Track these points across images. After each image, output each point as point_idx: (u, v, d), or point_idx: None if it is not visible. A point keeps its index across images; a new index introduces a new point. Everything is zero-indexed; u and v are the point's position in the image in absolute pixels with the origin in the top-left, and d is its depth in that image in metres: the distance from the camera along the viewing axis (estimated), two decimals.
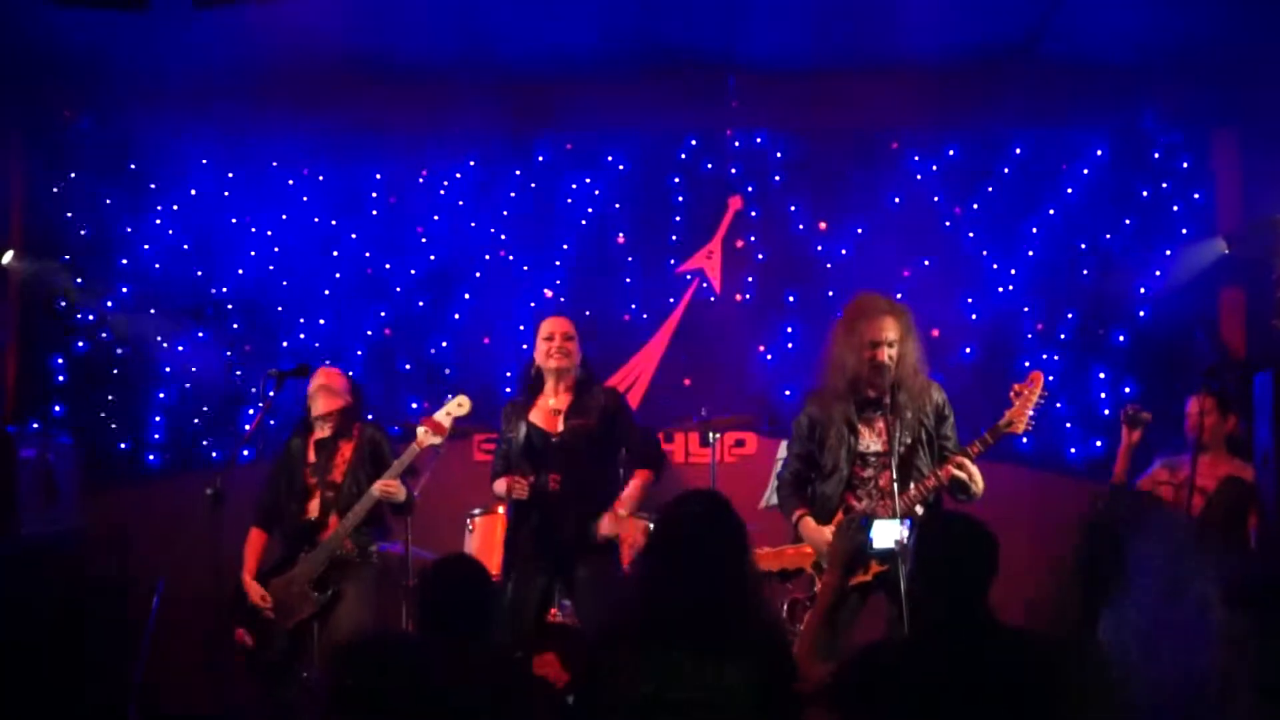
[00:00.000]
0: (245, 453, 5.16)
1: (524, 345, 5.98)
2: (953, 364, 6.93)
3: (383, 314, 7.33)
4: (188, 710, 6.09)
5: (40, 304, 7.34)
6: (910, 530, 4.25)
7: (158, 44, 6.40)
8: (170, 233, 7.33)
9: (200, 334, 7.31)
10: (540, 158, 7.32)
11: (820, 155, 7.26)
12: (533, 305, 7.14)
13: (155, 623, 6.17)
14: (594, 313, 6.96)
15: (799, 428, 4.98)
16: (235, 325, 7.34)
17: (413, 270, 7.32)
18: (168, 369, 7.30)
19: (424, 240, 7.34)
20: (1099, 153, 7.11)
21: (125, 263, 7.34)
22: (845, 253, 7.19)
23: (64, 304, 7.29)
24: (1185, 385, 6.08)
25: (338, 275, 7.33)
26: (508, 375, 6.88)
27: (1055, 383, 6.62)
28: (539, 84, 7.12)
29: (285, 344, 7.21)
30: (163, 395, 7.30)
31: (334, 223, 7.34)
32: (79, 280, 7.27)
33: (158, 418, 7.30)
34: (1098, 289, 7.09)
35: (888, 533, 4.34)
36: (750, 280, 7.28)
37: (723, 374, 7.20)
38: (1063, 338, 7.07)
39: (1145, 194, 7.08)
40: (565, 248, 7.29)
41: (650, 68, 7.02)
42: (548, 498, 5.19)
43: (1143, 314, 7.05)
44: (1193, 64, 6.76)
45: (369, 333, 7.31)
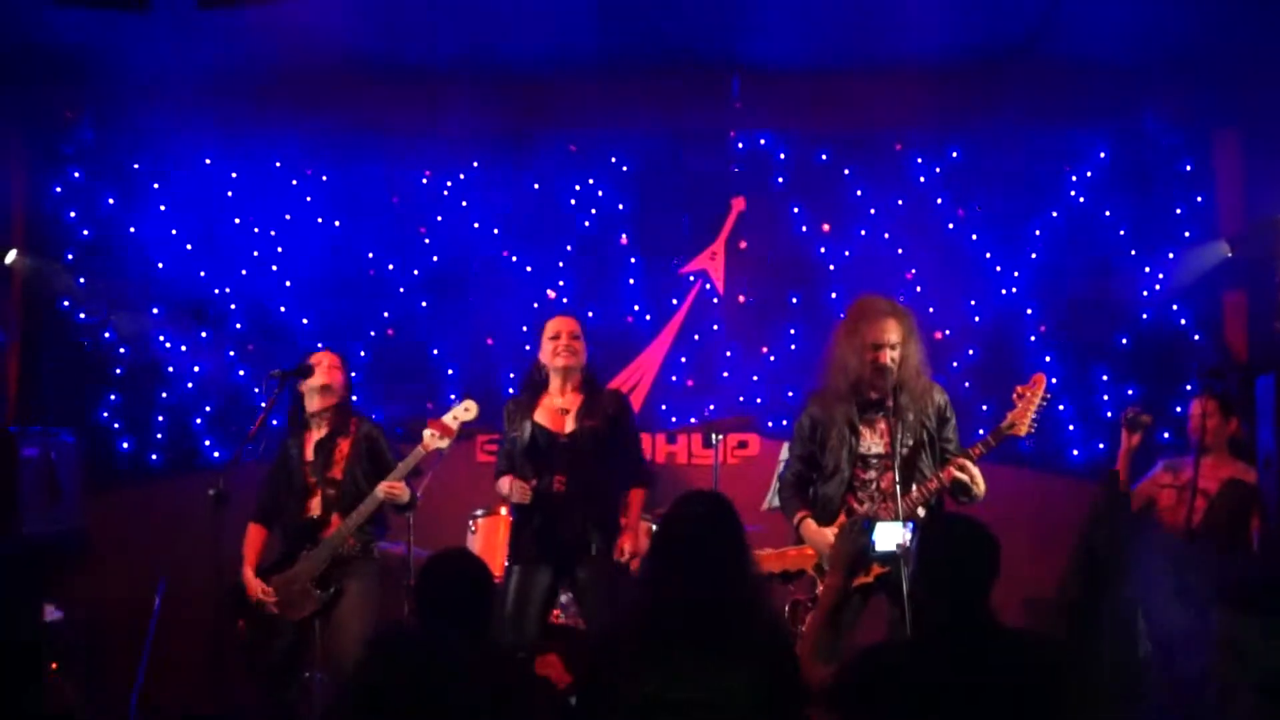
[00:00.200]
0: (248, 452, 5.16)
1: (526, 346, 5.96)
2: (955, 366, 6.94)
3: (385, 314, 7.32)
4: (188, 710, 6.07)
5: (43, 304, 7.34)
6: (913, 533, 4.25)
7: (159, 44, 6.39)
8: (173, 232, 7.32)
9: (203, 334, 7.30)
10: (543, 159, 7.30)
11: (823, 157, 7.26)
12: (535, 306, 7.12)
13: (156, 623, 6.16)
14: (597, 314, 6.98)
15: (800, 429, 4.98)
16: (238, 325, 7.33)
17: (415, 271, 7.31)
18: (170, 369, 7.29)
19: (426, 241, 7.33)
20: (1101, 154, 7.10)
21: (127, 263, 7.33)
22: (848, 254, 7.19)
23: (66, 304, 7.30)
24: (1184, 388, 6.10)
25: (340, 276, 7.32)
26: (510, 376, 6.86)
27: (1057, 385, 6.61)
28: (542, 85, 7.12)
29: (287, 344, 7.20)
30: (165, 395, 7.30)
31: (337, 223, 7.33)
32: (81, 280, 7.27)
33: (160, 417, 7.29)
34: (1100, 291, 7.08)
35: (890, 535, 4.33)
36: (753, 281, 7.28)
37: (726, 375, 7.20)
38: (1065, 340, 7.06)
39: (1148, 196, 7.07)
40: (568, 249, 7.28)
41: (653, 68, 7.02)
42: (552, 499, 5.18)
43: (1145, 317, 7.05)
44: (1194, 64, 6.75)
45: (372, 333, 7.31)
